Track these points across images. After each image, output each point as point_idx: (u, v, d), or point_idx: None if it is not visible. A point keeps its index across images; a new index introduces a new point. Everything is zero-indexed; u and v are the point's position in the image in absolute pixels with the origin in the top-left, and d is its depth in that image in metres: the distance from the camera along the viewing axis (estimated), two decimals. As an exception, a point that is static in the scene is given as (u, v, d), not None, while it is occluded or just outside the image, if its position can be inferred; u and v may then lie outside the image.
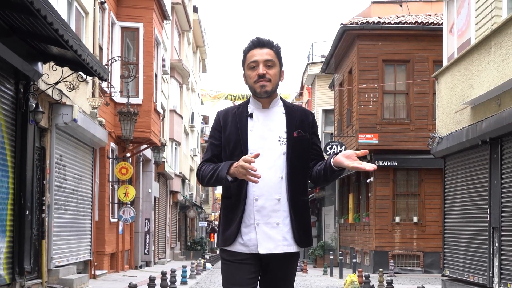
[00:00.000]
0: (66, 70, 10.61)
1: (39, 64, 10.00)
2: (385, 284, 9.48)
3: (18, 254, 9.76)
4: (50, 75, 10.56)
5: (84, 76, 10.40)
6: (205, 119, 55.05)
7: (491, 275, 11.25)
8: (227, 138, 3.43)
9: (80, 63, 9.64)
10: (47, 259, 11.58)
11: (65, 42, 7.88)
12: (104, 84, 15.55)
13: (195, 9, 38.80)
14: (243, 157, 3.20)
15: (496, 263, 11.10)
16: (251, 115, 3.46)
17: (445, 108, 13.43)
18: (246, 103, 3.54)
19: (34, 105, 10.00)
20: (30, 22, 8.01)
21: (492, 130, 10.82)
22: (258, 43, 3.43)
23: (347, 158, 3.24)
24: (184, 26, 32.28)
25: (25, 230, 9.94)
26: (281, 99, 3.53)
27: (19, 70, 9.39)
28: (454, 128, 12.83)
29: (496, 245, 11.09)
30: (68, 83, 10.72)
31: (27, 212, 10.03)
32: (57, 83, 10.43)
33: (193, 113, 39.21)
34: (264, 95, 3.42)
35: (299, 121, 3.47)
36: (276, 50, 3.45)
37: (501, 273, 10.93)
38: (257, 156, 3.19)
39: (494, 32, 10.75)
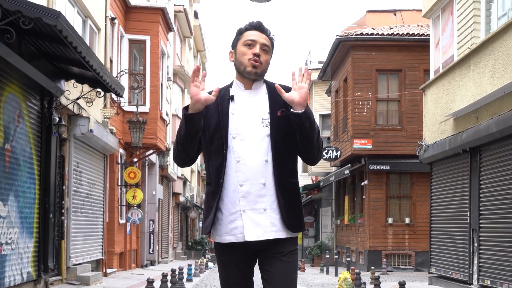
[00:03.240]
0: (85, 86, 11.71)
1: (62, 81, 11.10)
2: (373, 280, 10.59)
3: (43, 253, 10.87)
4: (71, 91, 11.66)
5: (102, 93, 11.48)
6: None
7: (471, 272, 12.35)
8: (208, 122, 3.32)
9: (99, 81, 10.74)
10: (66, 258, 12.67)
11: (90, 67, 8.98)
12: (114, 95, 16.63)
13: (195, 15, 39.78)
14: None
15: (475, 261, 12.19)
16: (232, 98, 3.36)
17: (431, 119, 14.53)
18: (228, 86, 3.44)
19: (57, 119, 11.10)
20: (59, 49, 9.10)
21: (471, 141, 11.92)
22: (259, 27, 3.38)
23: (293, 93, 3.20)
24: (185, 33, 33.29)
25: (49, 232, 11.06)
26: (264, 80, 3.44)
27: (44, 87, 10.44)
28: (439, 137, 13.93)
29: (475, 244, 12.19)
30: (87, 98, 11.81)
31: (51, 215, 11.14)
32: (78, 98, 11.54)
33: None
34: (253, 76, 3.33)
35: (282, 99, 3.27)
36: (272, 40, 3.41)
37: (479, 270, 12.03)
38: (198, 68, 3.19)
39: (473, 51, 11.84)
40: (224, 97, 3.36)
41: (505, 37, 10.44)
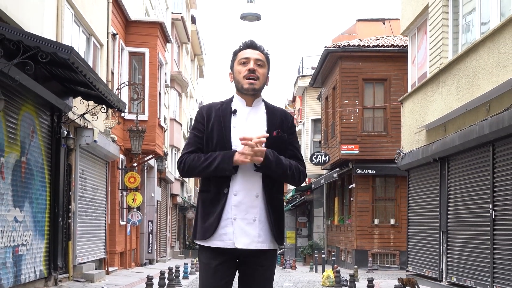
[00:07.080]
0: (91, 103, 12.94)
1: (70, 99, 12.34)
2: (348, 277, 11.86)
3: (53, 253, 12.12)
4: (77, 106, 12.89)
5: (105, 108, 12.69)
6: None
7: (440, 270, 13.59)
8: (210, 133, 3.48)
9: (103, 99, 11.98)
10: (72, 257, 13.89)
11: (96, 90, 10.21)
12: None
13: (193, 19, 40.72)
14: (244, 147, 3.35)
15: (444, 260, 13.43)
16: (235, 112, 3.51)
17: (408, 129, 15.77)
18: (230, 100, 3.58)
19: (66, 132, 12.34)
20: (69, 74, 10.33)
21: (440, 151, 13.16)
22: (251, 45, 3.56)
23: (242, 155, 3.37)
24: (183, 39, 34.35)
25: (58, 234, 12.32)
26: (263, 100, 3.61)
27: (54, 105, 11.68)
28: (414, 147, 15.17)
29: (444, 245, 13.43)
30: (92, 112, 13.05)
31: (60, 219, 12.39)
32: (84, 114, 12.76)
33: (191, 119, 41.33)
34: (251, 92, 3.49)
35: (279, 121, 3.53)
36: (266, 55, 3.58)
37: (448, 268, 13.27)
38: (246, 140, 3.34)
39: (441, 70, 13.07)
40: (226, 110, 3.53)
41: (466, 60, 11.67)
